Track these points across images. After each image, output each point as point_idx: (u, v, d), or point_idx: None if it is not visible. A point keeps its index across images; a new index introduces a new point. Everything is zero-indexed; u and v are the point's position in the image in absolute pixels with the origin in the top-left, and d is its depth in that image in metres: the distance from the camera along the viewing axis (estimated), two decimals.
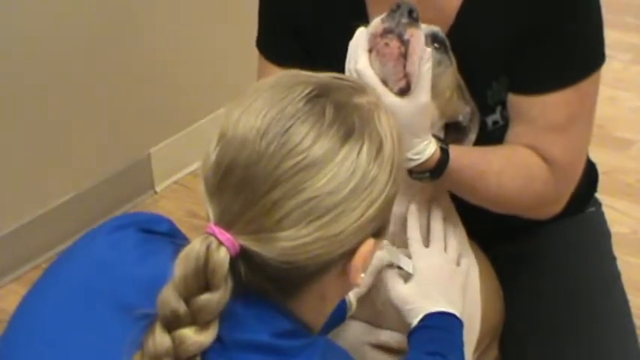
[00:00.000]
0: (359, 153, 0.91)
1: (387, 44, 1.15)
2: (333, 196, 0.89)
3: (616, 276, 1.56)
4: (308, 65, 0.99)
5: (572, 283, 1.50)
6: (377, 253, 1.28)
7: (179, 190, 2.67)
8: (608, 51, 1.35)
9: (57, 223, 2.40)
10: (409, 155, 1.19)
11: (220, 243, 0.88)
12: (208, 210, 0.91)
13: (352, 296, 1.27)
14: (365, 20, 1.21)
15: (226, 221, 0.89)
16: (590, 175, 1.55)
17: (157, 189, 2.68)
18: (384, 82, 1.16)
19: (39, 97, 2.29)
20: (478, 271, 1.35)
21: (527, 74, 1.31)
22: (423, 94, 1.16)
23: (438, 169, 1.22)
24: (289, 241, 0.89)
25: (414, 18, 1.15)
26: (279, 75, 0.97)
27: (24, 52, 2.22)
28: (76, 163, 2.45)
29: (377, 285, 1.29)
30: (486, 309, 1.35)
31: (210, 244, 0.88)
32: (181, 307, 0.86)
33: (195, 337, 0.87)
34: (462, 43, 1.26)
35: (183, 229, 1.04)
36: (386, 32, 1.15)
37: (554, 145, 1.31)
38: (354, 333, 1.33)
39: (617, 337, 1.47)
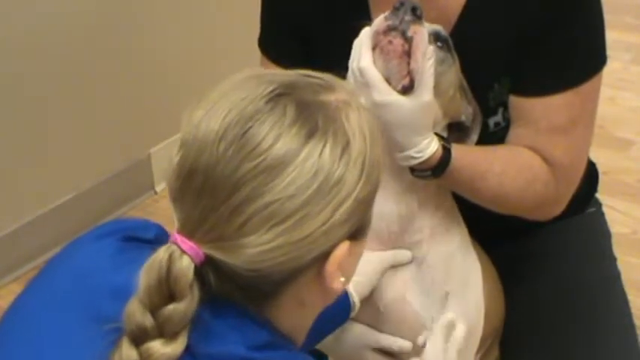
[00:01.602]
0: (321, 153, 0.86)
1: (390, 42, 1.15)
2: (294, 199, 0.85)
3: (616, 276, 1.56)
4: (310, 65, 0.98)
5: (573, 283, 1.50)
6: (379, 255, 1.29)
7: None
8: (608, 51, 1.35)
9: (57, 223, 2.40)
10: (411, 153, 1.19)
11: (183, 252, 0.85)
12: (175, 218, 0.89)
13: (356, 297, 1.26)
14: (368, 19, 1.21)
15: (188, 229, 0.87)
16: (591, 175, 1.55)
17: (157, 189, 2.68)
18: (388, 81, 1.16)
19: (39, 97, 2.29)
20: (481, 271, 1.35)
21: (528, 76, 1.31)
22: (425, 92, 1.16)
23: (439, 167, 1.22)
24: (252, 248, 0.85)
25: (417, 15, 1.15)
26: (244, 74, 0.94)
27: (24, 52, 2.22)
28: (76, 163, 2.45)
29: (379, 287, 1.29)
30: (489, 309, 1.35)
31: (173, 253, 0.85)
32: (147, 320, 0.84)
33: (163, 350, 0.84)
34: (464, 43, 1.26)
35: None
36: (389, 30, 1.15)
37: (555, 146, 1.31)
38: (355, 335, 1.33)
39: (617, 337, 1.47)
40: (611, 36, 1.35)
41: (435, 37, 1.21)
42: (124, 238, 0.97)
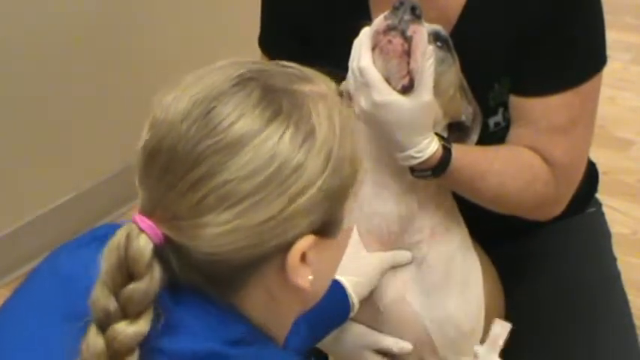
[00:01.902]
0: (281, 137, 0.85)
1: (390, 41, 1.15)
2: (250, 180, 0.84)
3: (616, 276, 1.56)
4: (311, 64, 0.98)
5: (573, 283, 1.50)
6: (379, 255, 1.28)
7: None
8: (608, 51, 1.35)
9: (57, 223, 2.40)
10: (411, 153, 1.19)
11: (141, 230, 0.84)
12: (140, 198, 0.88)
13: (355, 298, 1.26)
14: (368, 19, 1.21)
15: (148, 208, 0.86)
16: (591, 175, 1.55)
17: None
18: (388, 80, 1.16)
19: (39, 97, 2.29)
20: (481, 271, 1.35)
21: (528, 76, 1.31)
22: (425, 92, 1.16)
23: (440, 167, 1.22)
24: (208, 229, 0.84)
25: (416, 15, 1.15)
26: (221, 62, 0.93)
27: (24, 52, 2.22)
28: (76, 163, 2.45)
29: (379, 287, 1.29)
30: (489, 309, 1.35)
31: (131, 232, 0.84)
32: (111, 304, 0.83)
33: (128, 330, 0.83)
34: (464, 43, 1.26)
35: None
36: (389, 29, 1.15)
37: (555, 146, 1.31)
38: (355, 336, 1.33)
39: (617, 337, 1.47)
40: (611, 36, 1.35)
41: (435, 37, 1.21)
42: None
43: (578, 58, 1.31)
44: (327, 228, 0.90)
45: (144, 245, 0.84)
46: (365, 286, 1.27)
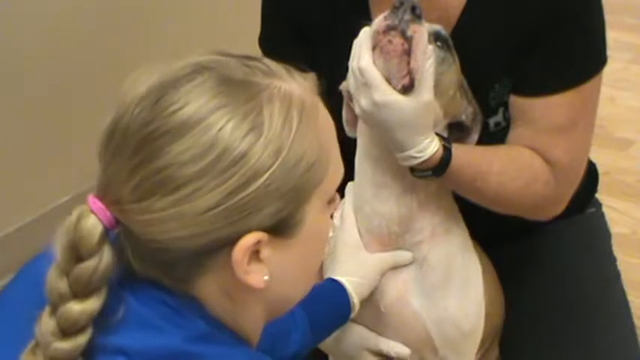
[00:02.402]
0: (223, 126, 0.83)
1: (390, 41, 1.15)
2: (187, 167, 0.82)
3: (616, 276, 1.56)
4: (312, 66, 0.97)
5: (573, 283, 1.50)
6: (379, 256, 1.28)
7: None
8: (608, 51, 1.35)
9: (57, 223, 2.39)
10: (412, 153, 1.19)
11: (91, 211, 0.84)
12: None
13: (356, 298, 1.26)
14: (367, 19, 1.21)
15: (100, 190, 0.86)
16: (591, 175, 1.55)
17: None
18: (388, 80, 1.16)
19: (39, 97, 2.29)
20: (481, 271, 1.35)
21: (529, 76, 1.31)
22: (425, 92, 1.16)
23: (440, 167, 1.22)
24: (147, 214, 0.84)
25: (416, 15, 1.15)
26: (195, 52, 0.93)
27: (23, 53, 2.22)
28: (76, 163, 2.45)
29: (380, 288, 1.29)
30: (489, 309, 1.35)
31: (82, 212, 0.85)
32: (62, 285, 0.84)
33: (75, 307, 0.83)
34: (464, 43, 1.26)
35: None
36: (389, 29, 1.15)
37: (555, 146, 1.31)
38: (355, 337, 1.33)
39: (617, 338, 1.47)
40: (611, 36, 1.35)
41: (435, 37, 1.20)
42: None
43: (579, 58, 1.31)
44: (283, 227, 0.88)
45: (92, 225, 0.84)
46: (366, 287, 1.27)
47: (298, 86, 0.91)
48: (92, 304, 0.84)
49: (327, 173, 0.90)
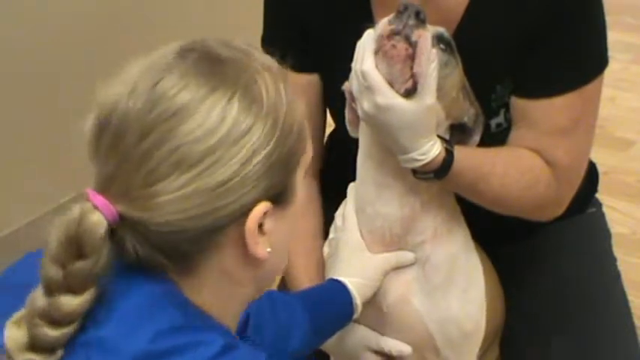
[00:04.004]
0: (229, 101, 0.87)
1: (394, 46, 1.15)
2: (201, 143, 0.85)
3: (616, 276, 1.56)
4: (314, 67, 0.98)
5: (573, 283, 1.50)
6: (382, 257, 1.28)
7: None
8: (609, 52, 1.35)
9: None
10: (414, 155, 1.19)
11: (95, 208, 0.84)
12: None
13: (358, 299, 1.26)
14: (370, 21, 1.21)
15: (101, 185, 0.87)
16: (591, 175, 1.55)
17: None
18: (390, 84, 1.16)
19: (39, 97, 2.29)
20: (482, 271, 1.35)
21: (530, 78, 1.31)
22: (428, 95, 1.16)
23: (442, 169, 1.22)
24: (162, 196, 0.85)
25: (421, 19, 1.15)
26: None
27: (23, 53, 2.22)
28: (76, 163, 2.45)
29: (383, 288, 1.29)
30: (490, 309, 1.35)
31: (84, 208, 0.84)
32: (56, 273, 0.84)
33: (73, 301, 0.84)
34: (466, 45, 1.25)
35: None
36: (393, 33, 1.15)
37: (557, 148, 1.31)
38: (357, 337, 1.33)
39: (617, 338, 1.47)
40: (611, 36, 1.35)
41: (438, 40, 1.20)
42: None
43: (580, 59, 1.31)
44: (280, 196, 0.92)
45: (97, 223, 0.84)
46: (368, 288, 1.27)
47: (271, 62, 0.95)
48: (85, 298, 0.85)
49: (308, 140, 0.95)
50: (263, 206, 0.89)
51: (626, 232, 2.44)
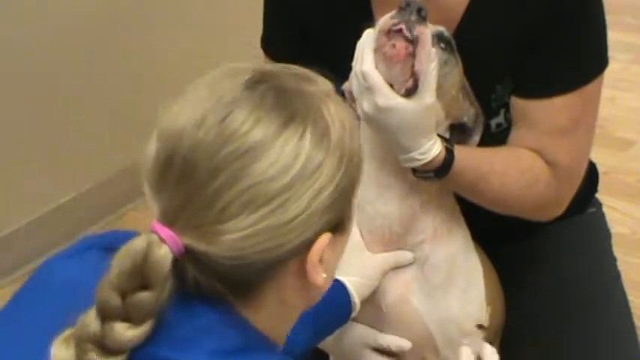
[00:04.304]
0: (302, 137, 0.86)
1: (393, 45, 1.15)
2: (275, 181, 0.85)
3: (616, 276, 1.56)
4: (315, 66, 0.98)
5: (573, 283, 1.50)
6: (381, 257, 1.28)
7: None
8: (609, 52, 1.35)
9: (57, 223, 2.40)
10: (415, 155, 1.19)
11: (161, 241, 0.84)
12: (154, 208, 0.88)
13: (357, 298, 1.26)
14: (370, 20, 1.21)
15: (169, 218, 0.86)
16: (591, 175, 1.55)
17: None
18: (390, 84, 1.16)
19: (39, 98, 2.29)
20: (482, 271, 1.35)
21: (530, 78, 1.31)
22: (428, 95, 1.16)
23: (442, 169, 1.22)
24: (234, 233, 0.85)
25: (422, 16, 1.15)
26: (221, 68, 0.93)
27: (23, 53, 2.22)
28: (76, 163, 2.46)
29: (382, 287, 1.29)
30: (490, 309, 1.35)
31: (151, 241, 0.84)
32: (115, 301, 0.83)
33: (125, 333, 0.83)
34: (466, 45, 1.26)
35: None
36: (394, 30, 1.15)
37: (557, 148, 1.31)
38: (355, 335, 1.33)
39: (617, 338, 1.47)
40: (611, 36, 1.35)
41: (438, 39, 1.21)
42: (104, 248, 0.95)
43: (580, 60, 1.31)
44: (340, 225, 0.92)
45: (164, 256, 0.84)
46: (367, 287, 1.27)
47: (329, 86, 0.94)
48: (142, 332, 0.84)
49: (362, 164, 0.95)
50: (325, 238, 0.89)
51: (626, 232, 2.44)
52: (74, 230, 2.42)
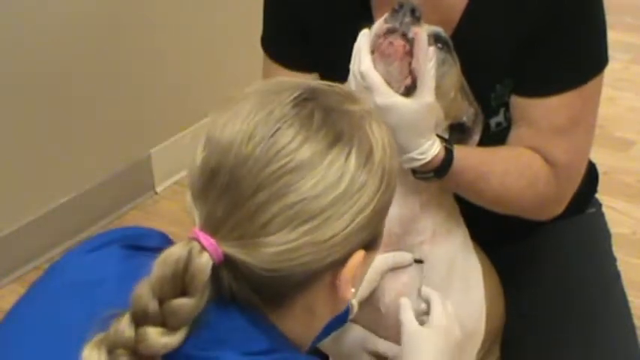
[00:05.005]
0: (347, 157, 0.89)
1: (391, 43, 1.15)
2: (319, 200, 0.87)
3: (616, 276, 1.56)
4: (314, 67, 0.98)
5: (573, 283, 1.50)
6: (379, 257, 1.28)
7: (179, 190, 2.67)
8: (609, 51, 1.35)
9: (57, 223, 2.40)
10: (414, 155, 1.19)
11: (203, 248, 0.86)
12: (194, 215, 0.89)
13: (354, 299, 1.26)
14: (370, 21, 1.22)
15: (211, 227, 0.88)
16: (591, 175, 1.55)
17: (158, 189, 2.68)
18: (389, 83, 1.16)
19: (39, 98, 2.29)
20: (481, 272, 1.35)
21: (530, 77, 1.31)
22: (427, 94, 1.16)
23: (442, 168, 1.22)
24: (274, 247, 0.87)
25: (416, 17, 1.15)
26: (267, 81, 0.96)
27: (23, 53, 2.22)
28: (76, 163, 2.46)
29: (380, 288, 1.29)
30: (489, 310, 1.35)
31: (192, 249, 0.86)
32: (153, 306, 0.84)
33: (160, 339, 0.84)
34: (466, 45, 1.26)
35: (184, 230, 1.03)
36: (389, 32, 1.15)
37: (556, 147, 1.32)
38: (354, 338, 1.33)
39: (617, 338, 1.47)
40: (611, 36, 1.35)
41: (435, 39, 1.21)
42: (127, 246, 0.96)
43: (581, 59, 1.31)
44: (373, 243, 0.95)
45: (205, 264, 0.85)
46: (364, 288, 1.27)
47: (368, 105, 0.97)
48: (177, 339, 0.85)
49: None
50: (359, 256, 0.92)
51: (626, 232, 2.44)
52: (74, 230, 2.42)
